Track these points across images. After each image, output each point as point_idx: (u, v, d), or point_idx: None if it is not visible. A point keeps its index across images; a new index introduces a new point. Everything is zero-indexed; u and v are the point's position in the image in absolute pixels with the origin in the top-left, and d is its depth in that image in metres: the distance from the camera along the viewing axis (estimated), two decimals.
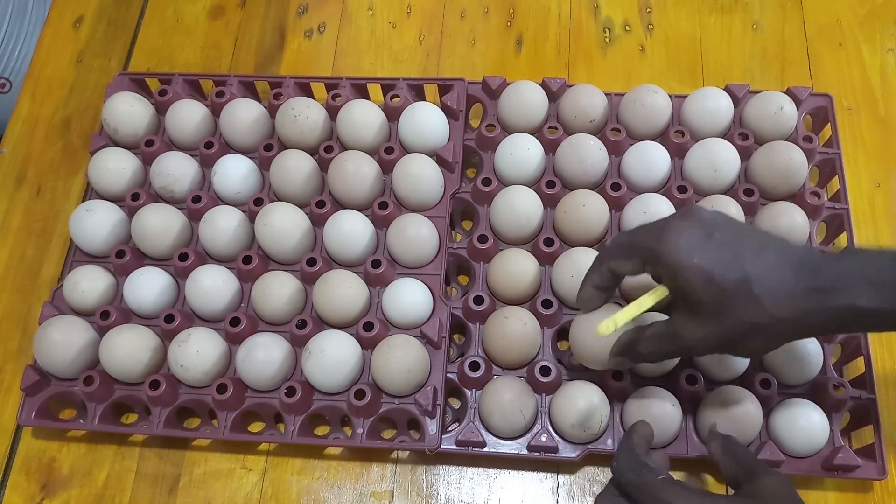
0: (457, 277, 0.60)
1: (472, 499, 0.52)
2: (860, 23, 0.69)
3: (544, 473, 0.53)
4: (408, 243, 0.55)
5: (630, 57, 0.69)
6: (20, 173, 0.66)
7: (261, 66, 0.70)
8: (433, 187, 0.57)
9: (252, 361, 0.51)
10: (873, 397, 0.51)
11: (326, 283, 0.53)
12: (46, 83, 0.71)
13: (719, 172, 0.56)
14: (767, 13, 0.70)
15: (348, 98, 0.62)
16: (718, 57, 0.68)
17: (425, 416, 0.51)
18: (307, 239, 0.56)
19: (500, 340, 0.52)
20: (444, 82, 0.62)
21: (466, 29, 0.71)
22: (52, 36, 0.74)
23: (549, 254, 0.55)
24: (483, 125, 0.61)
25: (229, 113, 0.60)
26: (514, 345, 0.51)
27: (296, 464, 0.54)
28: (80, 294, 0.55)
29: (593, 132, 0.60)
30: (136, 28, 0.73)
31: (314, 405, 0.52)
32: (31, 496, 0.54)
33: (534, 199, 0.56)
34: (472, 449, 0.51)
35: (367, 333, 0.52)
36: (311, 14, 0.73)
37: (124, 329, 0.53)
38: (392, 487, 0.53)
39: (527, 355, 0.52)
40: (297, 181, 0.57)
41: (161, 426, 0.52)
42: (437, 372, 0.52)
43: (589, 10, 0.71)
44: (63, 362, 0.53)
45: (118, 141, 0.62)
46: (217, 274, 0.55)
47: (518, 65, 0.69)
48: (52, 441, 0.55)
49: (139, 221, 0.56)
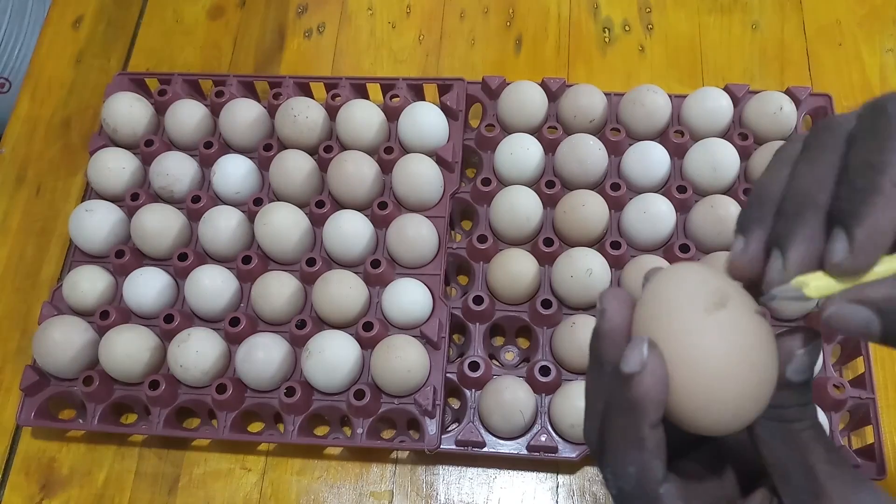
0: (456, 277, 0.60)
1: (471, 499, 0.52)
2: (859, 23, 0.69)
3: (544, 473, 0.53)
4: (407, 243, 0.55)
5: (630, 57, 0.69)
6: (20, 173, 0.66)
7: (260, 66, 0.70)
8: (433, 187, 0.57)
9: (252, 361, 0.51)
10: (873, 397, 0.51)
11: (326, 283, 0.53)
12: (46, 83, 0.71)
13: (719, 172, 0.56)
14: (767, 13, 0.70)
15: (348, 98, 0.62)
16: (718, 57, 0.68)
17: (425, 416, 0.51)
18: (307, 239, 0.56)
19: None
20: (443, 82, 0.62)
21: (466, 29, 0.71)
22: (51, 36, 0.74)
23: (549, 254, 0.55)
24: (482, 125, 0.61)
25: (229, 113, 0.60)
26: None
27: (295, 464, 0.54)
28: (80, 294, 0.55)
29: (593, 132, 0.60)
30: (136, 28, 0.73)
31: (314, 405, 0.52)
32: (31, 496, 0.54)
33: (533, 199, 0.56)
34: (472, 449, 0.51)
35: (367, 333, 0.52)
36: (310, 14, 0.73)
37: (124, 329, 0.53)
38: (391, 487, 0.53)
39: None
40: (296, 181, 0.57)
41: (160, 426, 0.52)
42: (437, 372, 0.52)
43: (588, 10, 0.71)
44: (62, 362, 0.53)
45: (118, 141, 0.62)
46: (217, 274, 0.55)
47: (518, 65, 0.69)
48: (51, 441, 0.55)
49: (139, 221, 0.56)
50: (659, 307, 0.23)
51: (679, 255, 0.54)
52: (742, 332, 0.22)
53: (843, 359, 0.54)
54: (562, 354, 0.52)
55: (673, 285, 0.23)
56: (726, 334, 0.22)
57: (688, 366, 0.22)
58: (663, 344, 0.22)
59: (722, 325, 0.22)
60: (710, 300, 0.23)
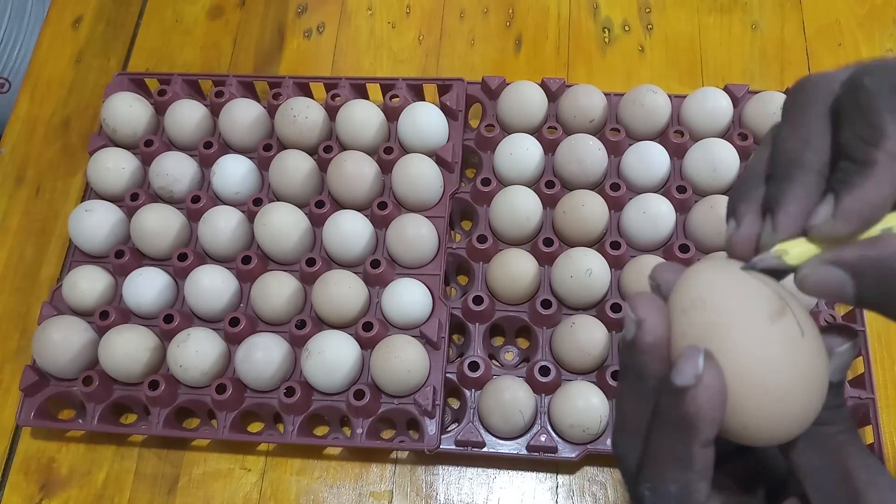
0: (456, 277, 0.60)
1: (471, 499, 0.52)
2: (859, 23, 0.69)
3: (544, 473, 0.53)
4: (407, 243, 0.55)
5: (629, 57, 0.69)
6: (19, 173, 0.66)
7: (260, 66, 0.70)
8: (432, 187, 0.57)
9: (251, 361, 0.51)
10: (873, 397, 0.51)
11: (326, 283, 0.53)
12: (45, 83, 0.71)
13: (719, 172, 0.56)
14: (767, 13, 0.70)
15: (347, 98, 0.62)
16: (718, 57, 0.68)
17: (424, 416, 0.51)
18: (306, 239, 0.56)
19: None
20: (443, 82, 0.62)
21: (466, 29, 0.71)
22: (51, 36, 0.73)
23: (549, 254, 0.55)
24: (482, 125, 0.61)
25: (228, 113, 0.60)
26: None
27: (295, 464, 0.54)
28: (79, 294, 0.55)
29: (593, 132, 0.60)
30: (136, 28, 0.73)
31: (313, 405, 0.52)
32: (31, 496, 0.54)
33: (533, 199, 0.56)
34: (472, 449, 0.51)
35: (367, 333, 0.52)
36: (310, 14, 0.73)
37: (123, 329, 0.53)
38: (391, 487, 0.53)
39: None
40: (296, 181, 0.57)
41: (160, 426, 0.52)
42: (437, 372, 0.52)
43: (588, 10, 0.71)
44: (62, 362, 0.53)
45: (117, 141, 0.62)
46: (216, 274, 0.55)
47: (517, 65, 0.69)
48: (51, 441, 0.55)
49: (138, 221, 0.56)
50: (716, 316, 0.22)
51: (679, 256, 0.54)
52: (803, 340, 0.21)
53: None
54: (561, 354, 0.52)
55: (728, 291, 0.22)
56: (790, 343, 0.21)
57: (752, 378, 0.21)
58: (721, 356, 0.21)
59: (786, 334, 0.21)
60: (772, 307, 0.21)
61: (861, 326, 0.53)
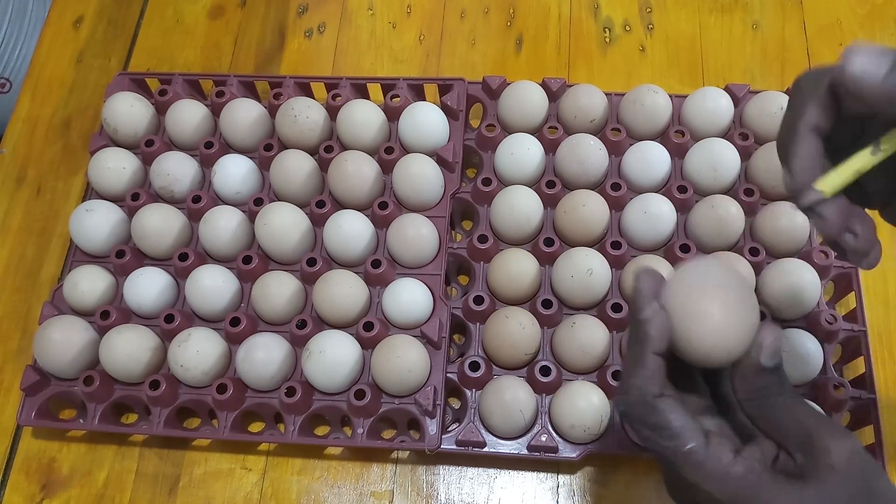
0: (457, 277, 0.60)
1: (472, 499, 0.52)
2: (860, 23, 0.69)
3: (544, 473, 0.53)
4: (408, 243, 0.55)
5: (630, 57, 0.69)
6: (20, 173, 0.66)
7: (261, 66, 0.70)
8: (433, 187, 0.57)
9: (252, 361, 0.51)
10: (873, 397, 0.51)
11: (326, 282, 0.53)
12: (46, 83, 0.71)
13: (719, 172, 0.56)
14: (767, 13, 0.70)
15: (348, 98, 0.62)
16: (718, 57, 0.68)
17: (425, 416, 0.51)
18: (307, 239, 0.56)
19: (499, 341, 0.52)
20: (444, 82, 0.62)
21: (466, 29, 0.71)
22: (52, 36, 0.74)
23: (549, 254, 0.55)
24: (483, 125, 0.61)
25: (229, 113, 0.60)
26: (513, 346, 0.51)
27: (296, 464, 0.54)
28: (80, 294, 0.55)
29: (593, 132, 0.60)
30: (136, 28, 0.73)
31: (314, 405, 0.52)
32: (31, 496, 0.54)
33: (534, 199, 0.56)
34: (472, 449, 0.51)
35: (367, 333, 0.52)
36: (310, 14, 0.73)
37: (124, 329, 0.53)
38: (392, 487, 0.53)
39: (527, 357, 0.52)
40: (296, 181, 0.57)
41: (161, 426, 0.52)
42: (437, 372, 0.52)
43: (589, 9, 0.71)
44: (63, 362, 0.53)
45: (118, 141, 0.62)
46: (217, 274, 0.55)
47: (518, 65, 0.69)
48: (52, 441, 0.55)
49: (139, 221, 0.56)
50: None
51: (679, 255, 0.54)
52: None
53: (844, 359, 0.54)
54: (562, 354, 0.52)
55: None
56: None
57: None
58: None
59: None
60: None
61: (862, 326, 0.53)
